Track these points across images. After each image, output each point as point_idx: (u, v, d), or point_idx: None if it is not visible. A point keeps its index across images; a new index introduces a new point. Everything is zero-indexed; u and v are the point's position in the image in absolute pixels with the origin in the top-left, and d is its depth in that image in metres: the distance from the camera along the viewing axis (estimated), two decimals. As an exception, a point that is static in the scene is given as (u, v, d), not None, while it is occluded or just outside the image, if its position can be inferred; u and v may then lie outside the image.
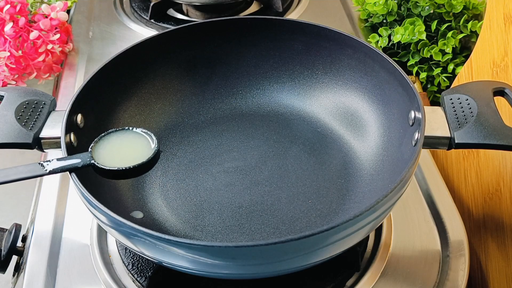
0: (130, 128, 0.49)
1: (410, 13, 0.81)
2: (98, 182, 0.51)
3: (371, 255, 0.53)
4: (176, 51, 0.61)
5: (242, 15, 0.87)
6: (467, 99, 0.51)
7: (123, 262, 0.52)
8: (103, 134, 0.48)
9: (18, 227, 0.57)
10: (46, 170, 0.44)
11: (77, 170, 0.44)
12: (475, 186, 0.62)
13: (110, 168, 0.45)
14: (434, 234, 0.55)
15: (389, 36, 0.80)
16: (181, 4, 0.88)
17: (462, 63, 0.76)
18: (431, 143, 0.50)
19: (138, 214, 0.53)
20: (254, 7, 0.90)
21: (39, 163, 0.44)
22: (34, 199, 0.62)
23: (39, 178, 0.64)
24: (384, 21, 0.83)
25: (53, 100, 0.54)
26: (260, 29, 0.62)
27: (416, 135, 0.49)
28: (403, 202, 0.58)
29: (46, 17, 0.78)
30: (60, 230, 0.56)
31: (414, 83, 0.72)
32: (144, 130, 0.49)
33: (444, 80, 0.77)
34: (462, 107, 0.51)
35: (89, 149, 0.46)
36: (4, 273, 0.55)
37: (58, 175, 0.62)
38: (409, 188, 0.56)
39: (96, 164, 0.45)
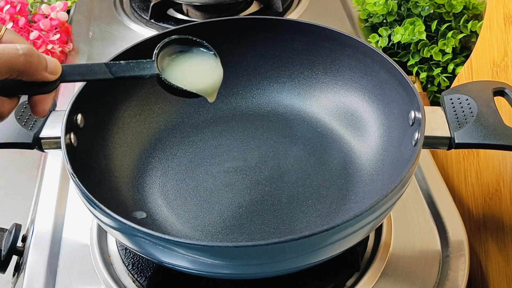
0: (194, 38, 0.46)
1: (410, 13, 0.81)
2: (98, 182, 0.51)
3: (371, 255, 0.53)
4: (176, 51, 0.61)
5: (242, 15, 0.87)
6: (467, 99, 0.51)
7: (123, 262, 0.52)
8: (166, 40, 0.45)
9: (18, 227, 0.57)
10: (112, 76, 0.42)
11: (142, 79, 0.43)
12: (475, 186, 0.62)
13: (179, 87, 0.43)
14: (434, 234, 0.55)
15: (389, 36, 0.80)
16: (181, 4, 0.88)
17: (462, 63, 0.76)
18: (431, 143, 0.50)
19: (138, 214, 0.53)
20: (254, 7, 0.90)
21: (105, 64, 0.42)
22: (34, 199, 0.62)
23: (39, 177, 0.64)
24: (384, 21, 0.83)
25: (53, 100, 0.54)
26: (260, 29, 0.62)
27: (416, 135, 0.49)
28: (403, 202, 0.58)
29: (46, 17, 0.78)
30: (60, 230, 0.56)
31: (414, 83, 0.72)
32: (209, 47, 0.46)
33: (444, 80, 0.77)
34: (462, 107, 0.51)
35: (154, 58, 0.44)
36: (4, 273, 0.55)
37: (58, 174, 0.62)
38: (409, 188, 0.56)
39: (164, 79, 0.43)
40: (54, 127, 0.51)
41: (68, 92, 0.74)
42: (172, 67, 0.45)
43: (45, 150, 0.51)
